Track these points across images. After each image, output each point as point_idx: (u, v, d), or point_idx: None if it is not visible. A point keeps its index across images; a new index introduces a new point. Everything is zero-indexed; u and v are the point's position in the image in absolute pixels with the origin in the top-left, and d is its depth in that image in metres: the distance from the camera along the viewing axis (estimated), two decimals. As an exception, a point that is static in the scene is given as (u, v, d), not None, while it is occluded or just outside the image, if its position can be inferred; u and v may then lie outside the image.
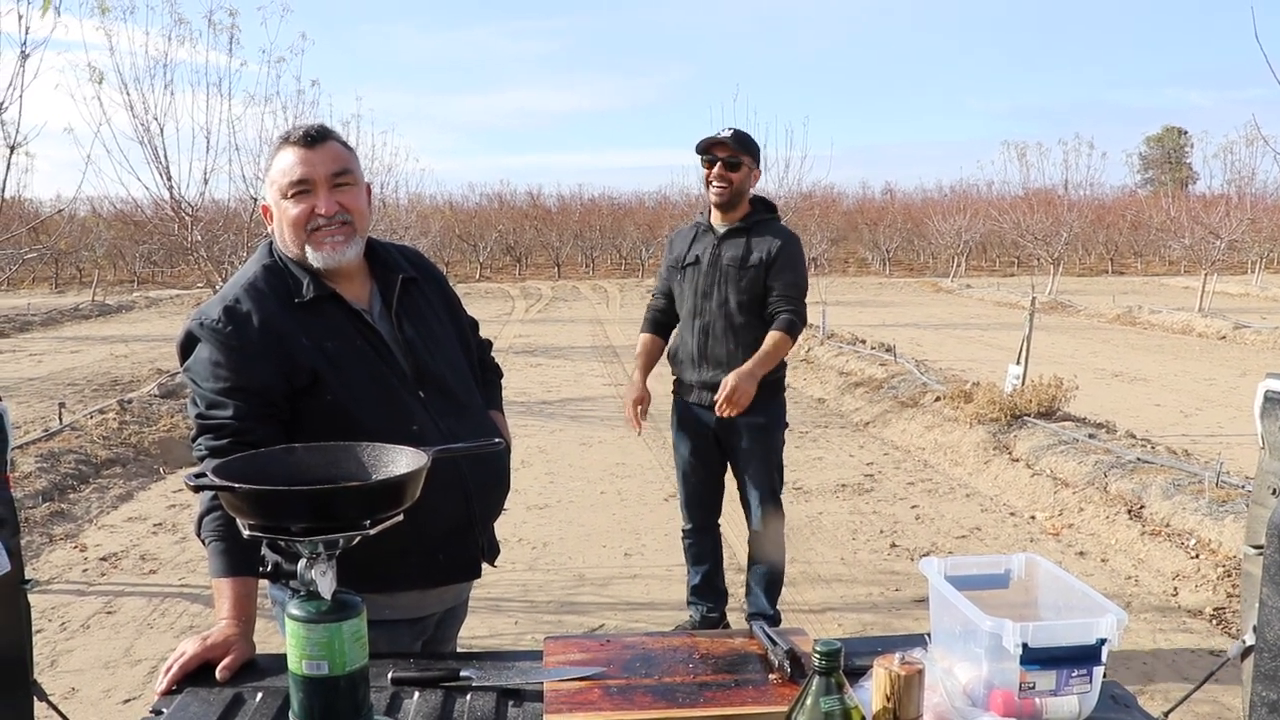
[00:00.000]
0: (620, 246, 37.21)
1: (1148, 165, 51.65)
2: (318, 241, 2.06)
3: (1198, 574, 5.14)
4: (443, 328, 2.27)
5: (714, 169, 3.89)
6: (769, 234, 3.95)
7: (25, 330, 17.86)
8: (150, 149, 9.33)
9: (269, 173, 2.11)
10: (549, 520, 6.31)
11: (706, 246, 4.01)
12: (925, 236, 34.48)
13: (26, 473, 6.66)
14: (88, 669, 4.24)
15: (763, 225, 3.98)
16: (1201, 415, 9.71)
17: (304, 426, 2.01)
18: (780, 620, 4.14)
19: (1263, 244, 26.87)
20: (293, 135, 2.08)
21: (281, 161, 2.07)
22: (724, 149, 3.87)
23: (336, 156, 2.08)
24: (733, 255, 3.93)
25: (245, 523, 1.56)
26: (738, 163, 3.88)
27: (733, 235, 3.97)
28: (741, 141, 3.89)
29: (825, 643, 1.40)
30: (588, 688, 1.74)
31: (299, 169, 2.05)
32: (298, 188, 2.05)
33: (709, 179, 3.93)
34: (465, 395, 2.24)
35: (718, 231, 4.00)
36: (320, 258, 2.06)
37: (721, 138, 3.87)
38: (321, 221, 2.05)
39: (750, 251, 3.91)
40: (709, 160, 3.91)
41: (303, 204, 2.05)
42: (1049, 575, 1.81)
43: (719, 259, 3.96)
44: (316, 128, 2.09)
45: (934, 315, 20.35)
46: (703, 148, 3.91)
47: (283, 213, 2.07)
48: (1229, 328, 16.11)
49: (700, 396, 3.99)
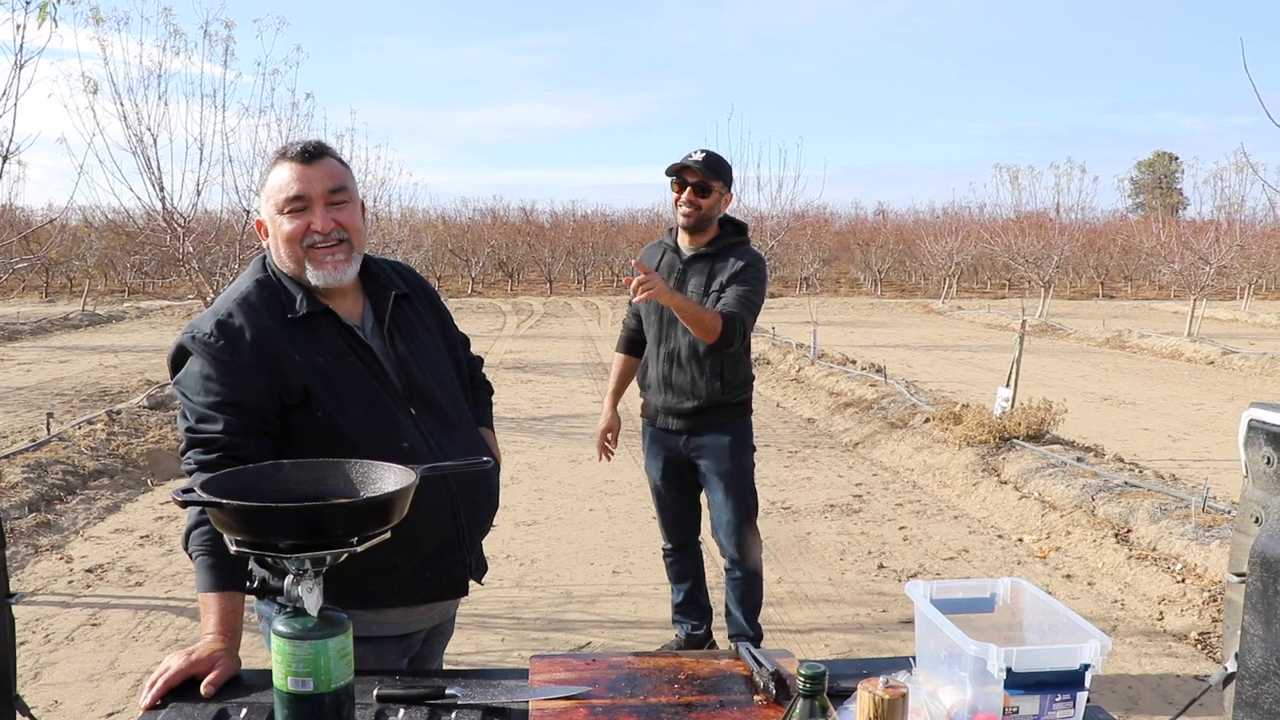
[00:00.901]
0: (613, 263, 37.26)
1: (1139, 190, 51.91)
2: (318, 260, 2.06)
3: (1183, 598, 5.15)
4: (434, 344, 2.28)
5: (683, 193, 3.81)
6: (734, 257, 3.86)
7: (14, 339, 17.79)
8: (143, 159, 9.33)
9: (265, 188, 2.11)
10: (537, 537, 6.30)
11: (672, 271, 3.92)
12: (917, 258, 34.61)
13: (13, 483, 6.63)
14: (72, 682, 4.22)
15: (729, 249, 3.88)
16: (1189, 440, 9.75)
17: (295, 442, 2.01)
18: (762, 638, 4.14)
19: (1251, 270, 27.04)
20: (289, 151, 2.08)
21: (277, 177, 2.07)
22: (694, 174, 3.80)
23: (333, 174, 2.09)
24: (697, 281, 3.85)
25: (233, 539, 1.56)
26: (707, 188, 3.81)
27: (698, 260, 3.89)
28: (713, 166, 3.81)
29: (810, 665, 1.41)
30: (573, 707, 1.74)
31: (295, 185, 2.05)
32: (294, 204, 2.05)
33: (677, 201, 3.85)
34: (455, 412, 2.25)
35: (683, 254, 3.93)
36: (321, 276, 2.07)
37: (691, 162, 3.79)
38: (318, 239, 2.06)
39: (714, 277, 3.83)
40: (679, 183, 3.83)
41: (298, 220, 2.05)
42: (1034, 599, 1.82)
43: (684, 285, 3.86)
44: (314, 144, 2.10)
45: (925, 336, 20.41)
46: (673, 171, 3.83)
47: (278, 228, 2.08)
48: (1217, 353, 16.18)
49: (667, 421, 4.00)
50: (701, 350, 3.84)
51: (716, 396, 3.90)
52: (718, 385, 3.89)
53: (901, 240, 36.59)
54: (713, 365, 3.87)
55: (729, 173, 3.90)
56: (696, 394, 3.88)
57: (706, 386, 3.87)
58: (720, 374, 3.88)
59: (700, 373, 3.88)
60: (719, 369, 3.87)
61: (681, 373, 3.90)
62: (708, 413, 3.92)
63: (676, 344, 3.90)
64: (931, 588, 1.82)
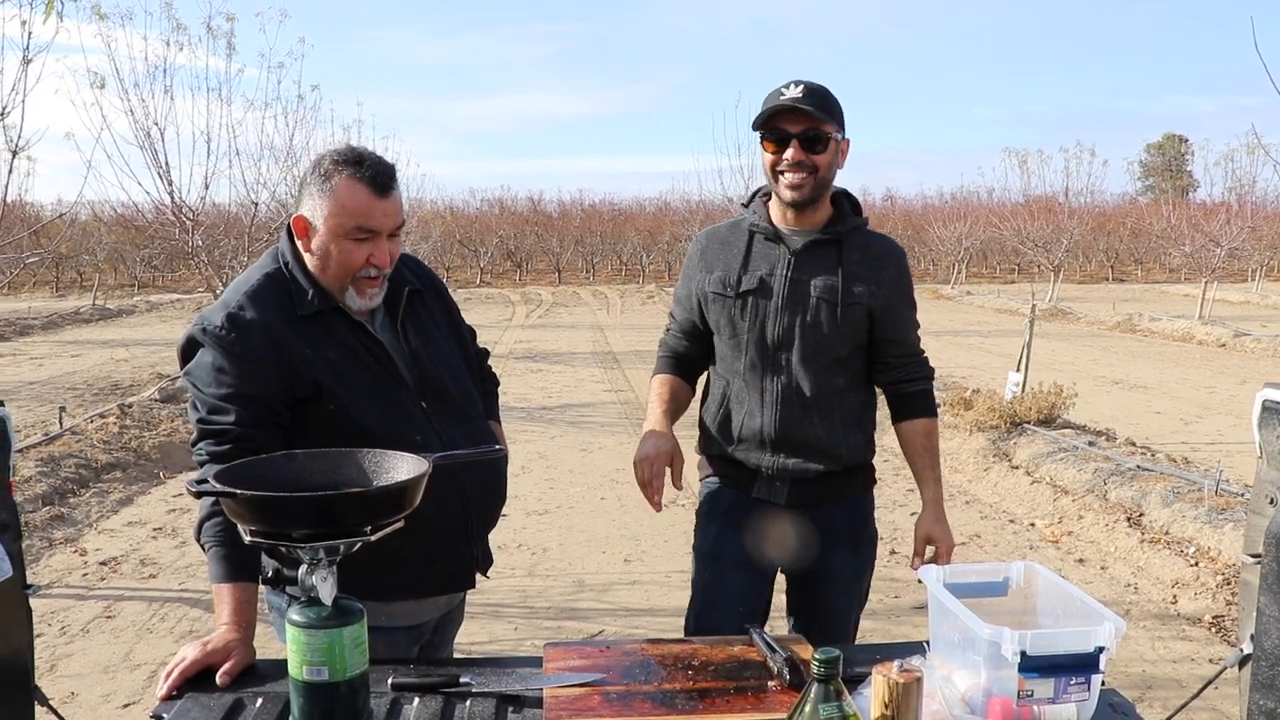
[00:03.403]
0: (621, 252, 37.22)
1: (1148, 173, 51.71)
2: (361, 289, 2.08)
3: (1197, 582, 5.14)
4: (445, 338, 2.28)
5: (784, 150, 2.45)
6: (873, 250, 2.58)
7: (25, 334, 17.85)
8: (150, 153, 9.37)
9: (327, 195, 2.02)
10: (549, 526, 6.31)
11: (776, 265, 2.54)
12: (926, 243, 34.49)
13: (27, 477, 6.66)
14: (87, 673, 4.24)
15: (858, 235, 2.58)
16: (1201, 423, 9.71)
17: (306, 434, 2.02)
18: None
19: (1263, 252, 26.91)
20: (363, 171, 2.02)
21: (349, 197, 2.01)
22: (799, 118, 2.43)
23: (399, 209, 2.10)
24: (825, 282, 2.51)
25: (246, 529, 1.57)
26: (822, 136, 2.45)
27: (817, 250, 2.54)
28: (821, 101, 2.45)
29: (824, 650, 1.41)
30: (587, 694, 1.74)
31: (371, 219, 2.03)
32: (361, 234, 2.03)
33: (775, 166, 2.48)
34: (468, 405, 2.25)
35: (791, 243, 2.54)
36: (358, 303, 2.09)
37: (792, 100, 2.41)
38: (374, 272, 2.06)
39: (851, 283, 2.51)
40: (773, 137, 2.47)
41: (362, 250, 2.04)
42: (1047, 583, 1.81)
43: (803, 286, 2.52)
44: (387, 172, 2.05)
45: (935, 322, 20.35)
46: (765, 118, 2.47)
47: (338, 248, 2.04)
48: (1229, 335, 16.11)
49: (773, 491, 2.58)
50: (830, 387, 2.55)
51: (859, 454, 2.64)
52: (859, 439, 2.63)
53: (910, 226, 36.46)
54: (846, 409, 2.59)
55: (842, 112, 2.52)
56: (832, 452, 2.56)
57: (846, 440, 2.58)
58: (859, 421, 2.62)
59: (833, 421, 2.56)
60: (857, 414, 2.62)
61: (805, 422, 2.54)
62: (841, 479, 2.61)
63: (794, 377, 2.53)
64: (945, 572, 1.82)
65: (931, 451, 2.66)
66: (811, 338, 2.50)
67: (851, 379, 2.59)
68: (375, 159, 2.06)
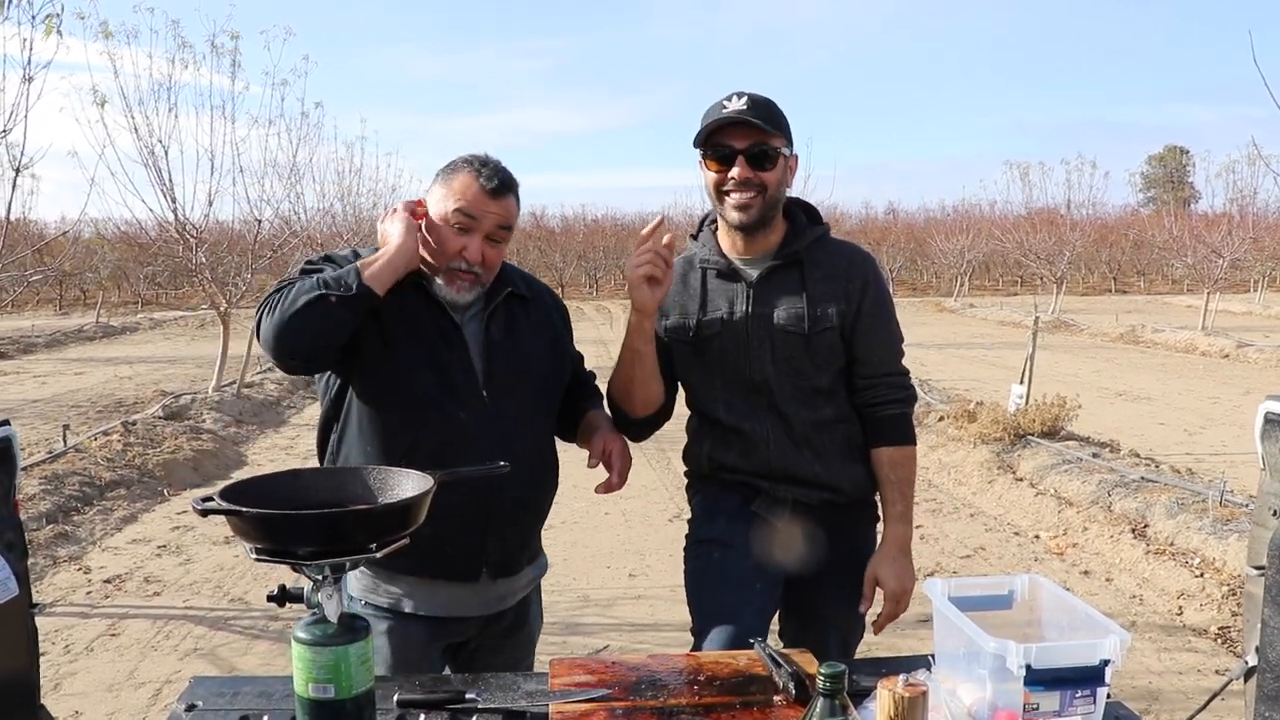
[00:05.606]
0: (624, 267, 37.14)
1: (1150, 184, 51.74)
2: (449, 279, 2.20)
3: (1202, 593, 5.12)
4: (535, 342, 2.35)
5: (730, 169, 2.27)
6: (838, 262, 2.38)
7: (29, 352, 17.88)
8: (154, 171, 9.42)
9: (446, 179, 2.21)
10: (553, 541, 6.27)
11: (735, 300, 2.36)
12: (928, 256, 34.52)
13: (30, 494, 6.66)
14: (92, 692, 4.24)
15: (819, 249, 2.38)
16: (1205, 434, 9.70)
17: (361, 393, 2.17)
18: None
19: (1265, 263, 26.92)
20: (485, 172, 2.18)
21: (462, 183, 2.18)
22: (743, 133, 2.25)
23: (508, 212, 2.23)
24: (789, 312, 2.32)
25: (252, 545, 1.58)
26: (770, 153, 2.26)
27: (775, 275, 2.35)
28: (770, 116, 2.27)
29: (830, 664, 1.41)
30: (593, 710, 1.74)
31: (474, 207, 2.16)
32: (462, 220, 2.16)
33: (720, 185, 2.29)
34: (534, 410, 2.32)
35: (747, 275, 2.36)
36: (445, 291, 2.20)
37: (734, 114, 2.23)
38: (463, 265, 2.18)
39: (818, 300, 2.33)
40: (716, 156, 2.29)
41: (458, 240, 2.17)
42: (1052, 596, 1.82)
43: (766, 321, 2.33)
44: (505, 177, 2.21)
45: (938, 334, 20.35)
46: (707, 134, 2.28)
47: (442, 229, 2.18)
48: (1232, 346, 16.09)
49: (774, 511, 2.41)
50: (817, 420, 2.37)
51: (863, 489, 2.44)
52: (860, 471, 2.43)
53: (913, 239, 36.51)
54: (838, 441, 2.41)
55: (788, 124, 2.34)
56: (832, 486, 2.39)
57: (846, 475, 2.40)
58: (859, 452, 2.43)
59: (829, 456, 2.39)
60: (854, 444, 2.43)
61: (799, 459, 2.37)
62: (845, 513, 2.45)
63: (777, 418, 2.36)
64: (949, 585, 1.82)
65: (900, 484, 2.39)
66: (786, 373, 2.33)
67: (839, 409, 2.39)
68: (498, 165, 2.22)
